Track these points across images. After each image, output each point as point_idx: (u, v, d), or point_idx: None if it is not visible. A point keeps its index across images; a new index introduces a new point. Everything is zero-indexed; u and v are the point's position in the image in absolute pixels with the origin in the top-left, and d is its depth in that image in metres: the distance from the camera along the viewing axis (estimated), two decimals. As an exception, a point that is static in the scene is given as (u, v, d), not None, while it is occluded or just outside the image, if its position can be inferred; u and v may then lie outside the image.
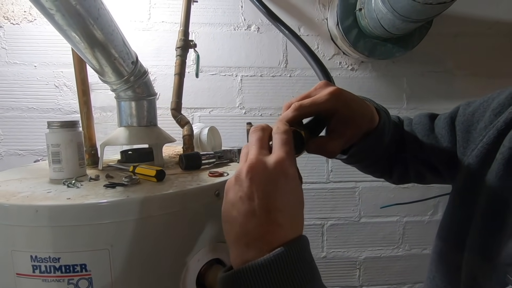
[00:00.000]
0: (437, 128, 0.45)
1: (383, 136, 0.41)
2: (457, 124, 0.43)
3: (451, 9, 1.09)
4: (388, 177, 0.52)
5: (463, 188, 0.39)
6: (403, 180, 0.51)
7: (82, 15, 0.44)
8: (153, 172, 0.50)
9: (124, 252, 0.41)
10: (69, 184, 0.48)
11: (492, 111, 0.38)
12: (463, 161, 0.40)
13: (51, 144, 0.52)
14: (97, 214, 0.40)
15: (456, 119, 0.43)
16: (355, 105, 0.36)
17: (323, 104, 0.34)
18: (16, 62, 1.05)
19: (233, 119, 1.14)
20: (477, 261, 0.34)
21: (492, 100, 0.40)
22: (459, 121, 0.42)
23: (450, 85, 1.17)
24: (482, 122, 0.39)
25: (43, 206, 0.40)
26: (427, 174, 0.47)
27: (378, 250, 1.24)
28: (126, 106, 0.64)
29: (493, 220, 0.33)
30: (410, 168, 0.48)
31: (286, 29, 0.83)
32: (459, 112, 0.43)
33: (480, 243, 0.34)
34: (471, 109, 0.42)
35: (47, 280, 0.40)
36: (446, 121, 0.44)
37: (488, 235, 0.33)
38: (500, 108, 0.38)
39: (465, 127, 0.41)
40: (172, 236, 0.44)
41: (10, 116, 1.06)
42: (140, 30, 1.08)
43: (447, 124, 0.43)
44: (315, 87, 0.37)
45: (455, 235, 0.37)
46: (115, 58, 0.55)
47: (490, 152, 0.36)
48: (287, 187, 0.28)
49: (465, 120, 0.42)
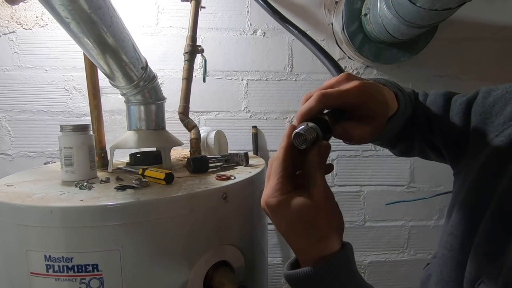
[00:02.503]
0: (452, 112, 0.42)
1: (401, 119, 0.41)
2: (474, 114, 0.40)
3: (457, 14, 1.09)
4: (391, 148, 0.51)
5: (476, 186, 0.37)
6: (406, 154, 0.50)
7: (96, 22, 0.46)
8: (162, 175, 0.51)
9: (134, 252, 0.43)
10: (81, 186, 0.49)
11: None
12: (477, 155, 0.38)
13: (63, 147, 0.54)
14: (109, 215, 0.41)
15: (473, 107, 0.40)
16: (380, 97, 0.35)
17: (350, 98, 0.33)
18: (28, 66, 1.07)
19: (239, 123, 1.15)
20: (481, 261, 0.33)
21: None
22: (477, 111, 0.39)
23: (456, 90, 1.16)
24: (502, 117, 0.36)
25: (57, 207, 0.41)
26: (431, 154, 0.47)
27: (383, 255, 1.24)
28: (135, 110, 0.66)
29: (502, 221, 0.33)
30: (415, 145, 0.47)
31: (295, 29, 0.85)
32: (477, 100, 0.40)
33: (486, 242, 0.34)
34: (492, 100, 0.38)
35: (60, 279, 0.41)
36: (462, 107, 0.41)
37: (495, 235, 0.33)
38: None
39: (482, 119, 0.38)
40: (181, 238, 0.45)
41: (21, 118, 1.09)
42: (148, 35, 1.10)
43: (462, 111, 0.41)
44: (337, 80, 0.35)
45: (464, 233, 0.37)
46: (125, 64, 0.57)
47: (508, 152, 0.34)
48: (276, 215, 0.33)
49: (483, 111, 0.39)
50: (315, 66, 1.15)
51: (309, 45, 0.77)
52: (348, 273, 0.34)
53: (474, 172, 0.37)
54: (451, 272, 0.37)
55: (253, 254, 0.58)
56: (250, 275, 0.56)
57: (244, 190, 0.55)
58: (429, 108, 0.45)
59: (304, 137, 0.31)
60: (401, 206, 1.21)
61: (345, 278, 0.33)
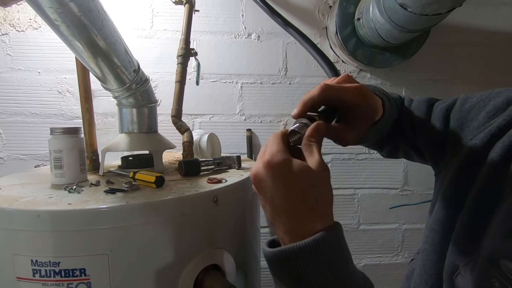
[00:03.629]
0: (433, 117, 0.46)
1: (386, 125, 0.44)
2: (452, 119, 0.43)
3: (449, 20, 1.11)
4: (379, 150, 0.53)
5: (454, 183, 0.39)
6: (393, 155, 0.53)
7: (87, 25, 0.45)
8: (152, 178, 0.50)
9: (123, 257, 0.42)
10: (70, 190, 0.49)
11: (487, 113, 0.39)
12: (454, 158, 0.41)
13: (53, 150, 0.53)
14: (97, 219, 0.41)
15: (452, 113, 0.44)
16: (373, 102, 0.38)
17: (349, 96, 0.35)
18: (21, 68, 1.07)
19: (233, 126, 1.15)
20: (459, 254, 0.36)
21: (489, 101, 0.40)
22: (454, 116, 0.43)
23: (448, 93, 1.18)
24: (476, 122, 0.40)
25: (44, 211, 0.40)
26: (414, 155, 0.50)
27: (377, 258, 1.24)
28: (127, 113, 0.66)
29: (477, 218, 0.35)
30: (400, 147, 0.50)
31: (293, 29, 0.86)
32: (455, 107, 0.44)
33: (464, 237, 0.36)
34: (468, 106, 0.42)
35: (47, 284, 0.41)
36: (442, 112, 0.44)
37: (470, 231, 0.35)
38: (495, 112, 0.38)
39: (459, 124, 0.42)
40: (170, 242, 0.45)
41: (13, 121, 1.08)
42: (142, 37, 1.10)
43: (442, 116, 0.44)
44: (338, 80, 0.37)
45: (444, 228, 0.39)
46: (117, 67, 0.56)
47: (481, 155, 0.37)
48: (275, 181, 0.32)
49: (460, 116, 0.42)
50: (309, 69, 1.16)
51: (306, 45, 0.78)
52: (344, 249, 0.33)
53: (452, 173, 0.40)
54: (432, 265, 0.39)
55: (245, 257, 0.58)
56: (242, 279, 0.56)
57: (236, 193, 0.54)
58: (413, 113, 0.47)
59: (299, 134, 0.34)
60: (395, 210, 1.22)
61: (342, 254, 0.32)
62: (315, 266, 0.30)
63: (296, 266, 0.30)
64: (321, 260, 0.30)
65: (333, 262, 0.30)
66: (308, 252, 0.30)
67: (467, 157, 0.39)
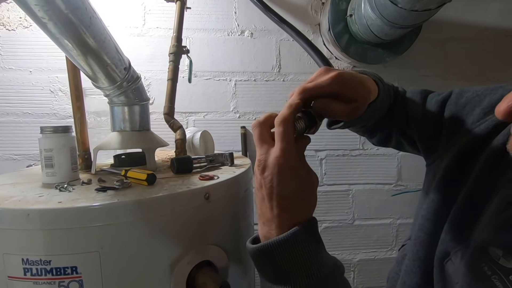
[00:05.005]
0: (427, 109, 0.46)
1: (383, 106, 0.44)
2: (447, 112, 0.44)
3: (440, 15, 1.12)
4: (369, 137, 0.54)
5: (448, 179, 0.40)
6: (383, 144, 0.54)
7: (74, 23, 0.45)
8: (144, 176, 0.50)
9: (114, 254, 0.42)
10: (61, 188, 0.49)
11: (483, 109, 0.40)
12: (448, 150, 0.42)
13: (44, 149, 0.53)
14: (88, 217, 0.41)
15: (447, 106, 0.44)
16: (355, 82, 0.38)
17: (325, 88, 0.36)
18: (12, 68, 1.06)
19: (227, 123, 1.15)
20: (450, 242, 0.37)
21: (484, 97, 0.41)
22: (450, 110, 0.44)
23: (441, 89, 1.19)
24: (471, 117, 0.41)
25: (34, 209, 0.40)
26: (406, 145, 0.51)
27: (372, 253, 1.25)
28: (119, 111, 0.66)
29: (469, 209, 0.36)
30: (393, 136, 0.51)
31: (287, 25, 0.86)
32: (450, 100, 0.45)
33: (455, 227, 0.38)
34: (463, 100, 0.43)
35: (38, 282, 0.41)
36: (437, 105, 0.45)
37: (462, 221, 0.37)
38: (490, 109, 0.39)
39: (454, 118, 0.43)
40: (162, 239, 0.45)
41: (5, 121, 1.07)
42: (134, 35, 1.09)
43: (436, 109, 0.45)
44: (316, 74, 0.38)
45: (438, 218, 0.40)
46: (107, 65, 0.56)
47: (475, 149, 0.38)
48: (285, 177, 0.34)
49: (456, 111, 0.43)
50: (303, 66, 1.16)
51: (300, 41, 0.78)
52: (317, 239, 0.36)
53: (446, 166, 0.41)
54: (426, 252, 0.41)
55: (238, 253, 0.58)
56: (235, 275, 0.56)
57: (228, 190, 0.55)
58: (408, 103, 0.48)
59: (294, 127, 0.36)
60: (388, 205, 1.23)
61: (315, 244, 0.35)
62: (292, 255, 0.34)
63: (276, 256, 0.34)
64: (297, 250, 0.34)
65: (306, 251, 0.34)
66: (287, 244, 0.34)
67: (462, 151, 0.40)
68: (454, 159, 0.40)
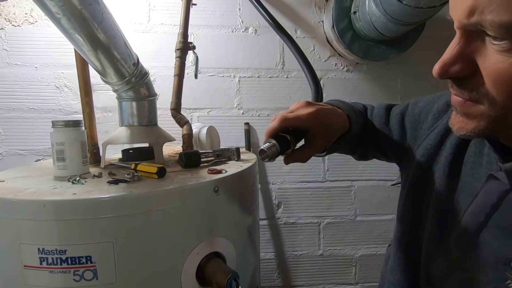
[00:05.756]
0: (391, 121, 0.52)
1: (356, 134, 0.50)
2: (407, 122, 0.50)
3: (444, 13, 1.12)
4: (352, 154, 0.59)
5: (415, 180, 0.46)
6: (363, 158, 0.59)
7: (87, 19, 0.46)
8: (154, 169, 0.52)
9: (127, 244, 0.43)
10: (74, 181, 0.50)
11: (433, 115, 0.46)
12: (413, 155, 0.47)
13: (55, 143, 0.54)
14: (102, 208, 0.42)
15: (406, 117, 0.50)
16: (329, 122, 0.44)
17: (302, 122, 0.42)
18: (18, 64, 1.07)
19: (231, 119, 1.16)
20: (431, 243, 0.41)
21: (433, 104, 0.47)
22: (408, 120, 0.50)
23: (443, 85, 1.19)
24: (426, 123, 0.47)
25: (50, 200, 0.42)
26: (381, 156, 0.57)
27: (373, 248, 1.27)
28: (127, 106, 0.66)
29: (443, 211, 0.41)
30: (368, 150, 0.56)
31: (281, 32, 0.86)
32: (408, 111, 0.51)
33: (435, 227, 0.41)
34: (418, 110, 0.49)
35: (54, 271, 0.42)
36: (397, 117, 0.51)
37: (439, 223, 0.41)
38: (439, 114, 0.45)
39: (413, 126, 0.49)
40: (173, 230, 0.46)
41: (11, 116, 1.08)
42: (139, 32, 1.10)
43: (398, 120, 0.51)
44: (298, 106, 0.44)
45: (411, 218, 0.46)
46: (117, 60, 0.57)
47: (435, 152, 0.43)
48: None
49: (413, 120, 0.49)
50: (306, 63, 1.16)
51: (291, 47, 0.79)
52: None
53: (412, 170, 0.46)
54: (403, 251, 0.46)
55: (244, 246, 0.59)
56: (241, 267, 0.57)
57: (235, 183, 0.56)
58: (375, 119, 0.54)
59: (266, 153, 0.40)
60: (390, 201, 1.24)
61: None
62: None
63: None
64: None
65: None
66: None
67: (423, 155, 0.45)
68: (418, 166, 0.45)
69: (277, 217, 1.21)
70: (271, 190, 1.20)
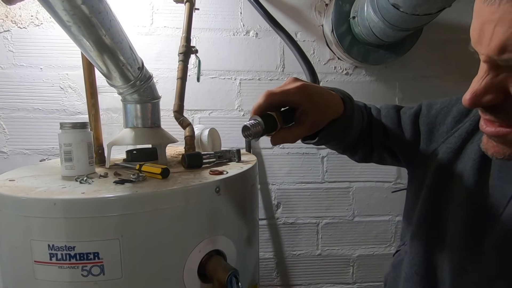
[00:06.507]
0: (403, 122, 0.51)
1: (352, 121, 0.46)
2: (421, 124, 0.48)
3: (442, 17, 1.14)
4: (351, 155, 0.57)
5: (435, 184, 0.44)
6: (366, 160, 0.57)
7: (96, 26, 0.48)
8: (158, 170, 0.54)
9: (132, 242, 0.46)
10: (81, 181, 0.52)
11: (453, 118, 0.45)
12: (428, 157, 0.46)
13: (63, 144, 0.56)
14: (109, 207, 0.44)
15: (420, 118, 0.49)
16: (318, 98, 0.41)
17: (289, 96, 0.39)
18: (23, 65, 1.09)
19: (232, 121, 1.18)
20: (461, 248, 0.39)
21: (452, 107, 0.46)
22: (423, 121, 0.48)
23: (441, 89, 1.22)
24: (444, 126, 0.45)
25: (60, 199, 0.44)
26: (388, 158, 0.54)
27: (371, 248, 1.29)
28: (132, 109, 0.69)
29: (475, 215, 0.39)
30: (374, 151, 0.54)
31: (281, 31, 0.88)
32: (422, 112, 0.49)
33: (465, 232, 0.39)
34: (434, 112, 0.47)
35: (62, 267, 0.44)
36: (411, 118, 0.49)
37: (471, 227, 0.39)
38: (460, 116, 0.44)
39: (429, 128, 0.47)
40: (176, 228, 0.49)
41: (16, 116, 1.10)
42: (143, 34, 1.12)
43: (411, 121, 0.49)
44: (285, 82, 0.41)
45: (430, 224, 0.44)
46: (123, 64, 0.59)
47: (455, 156, 0.42)
48: None
49: (429, 121, 0.47)
50: (306, 66, 1.18)
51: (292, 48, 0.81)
52: None
53: (430, 174, 0.44)
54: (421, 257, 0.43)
55: (244, 244, 0.61)
56: (241, 264, 0.59)
57: (236, 184, 0.58)
58: (384, 119, 0.52)
59: (249, 131, 0.37)
60: (387, 202, 1.26)
61: None
62: None
63: None
64: None
65: None
66: None
67: (442, 159, 0.43)
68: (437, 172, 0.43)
69: (277, 217, 1.23)
70: (271, 191, 1.22)
